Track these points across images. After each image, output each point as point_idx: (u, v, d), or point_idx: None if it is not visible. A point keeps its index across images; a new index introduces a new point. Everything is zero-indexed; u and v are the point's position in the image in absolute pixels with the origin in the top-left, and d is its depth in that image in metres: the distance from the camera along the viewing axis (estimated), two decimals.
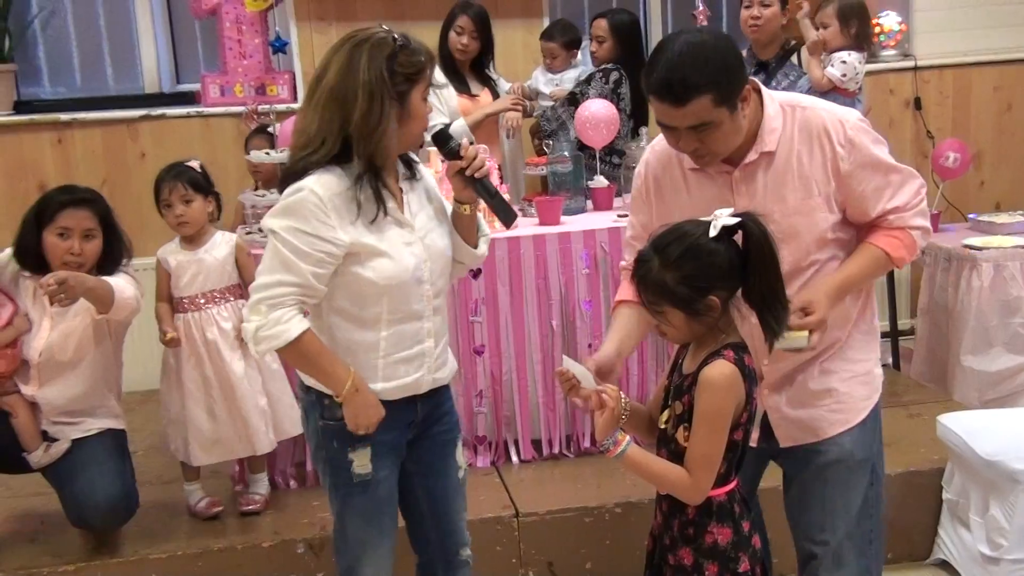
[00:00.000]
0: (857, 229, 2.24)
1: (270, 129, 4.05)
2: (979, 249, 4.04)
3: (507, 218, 2.40)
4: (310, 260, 2.12)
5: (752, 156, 2.13)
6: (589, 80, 4.41)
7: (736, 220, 1.92)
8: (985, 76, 5.22)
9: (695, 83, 1.97)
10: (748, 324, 2.03)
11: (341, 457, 2.27)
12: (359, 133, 2.11)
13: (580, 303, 3.70)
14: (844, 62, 3.74)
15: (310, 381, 2.26)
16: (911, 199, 2.20)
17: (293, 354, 2.18)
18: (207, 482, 3.41)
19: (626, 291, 2.28)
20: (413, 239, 2.23)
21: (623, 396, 2.01)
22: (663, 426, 2.05)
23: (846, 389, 2.26)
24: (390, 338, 2.23)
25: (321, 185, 2.12)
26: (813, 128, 2.14)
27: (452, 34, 4.34)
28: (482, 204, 2.37)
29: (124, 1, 4.91)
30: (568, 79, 4.61)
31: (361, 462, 2.27)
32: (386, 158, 2.17)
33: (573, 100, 4.34)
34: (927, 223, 2.25)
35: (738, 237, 1.94)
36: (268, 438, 3.24)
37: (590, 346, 3.70)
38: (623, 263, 2.39)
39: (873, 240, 2.20)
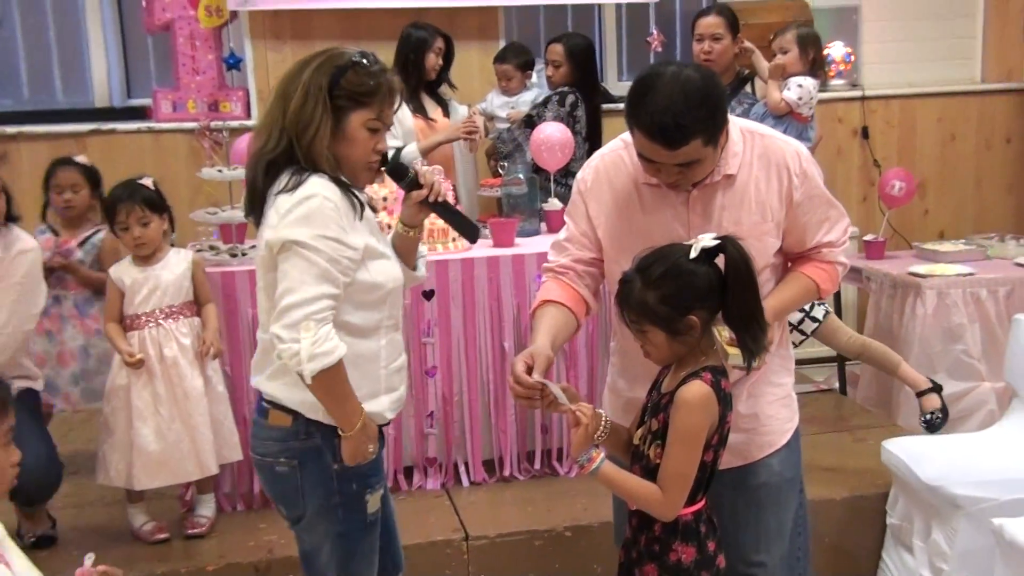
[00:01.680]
0: (785, 257, 2.32)
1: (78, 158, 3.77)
2: (923, 277, 4.12)
3: (472, 234, 2.44)
4: (340, 267, 2.06)
5: (714, 178, 2.17)
6: (546, 103, 4.45)
7: (716, 243, 1.97)
8: (929, 107, 5.36)
9: (690, 128, 1.99)
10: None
11: (358, 500, 2.19)
12: (292, 129, 2.08)
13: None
14: (800, 85, 3.83)
15: (319, 416, 2.13)
16: (841, 236, 2.31)
17: (331, 376, 2.04)
18: (152, 503, 3.35)
19: (551, 292, 2.28)
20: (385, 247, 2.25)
21: (603, 414, 2.04)
22: (637, 442, 2.09)
23: (771, 412, 2.32)
24: (387, 347, 2.21)
25: (327, 189, 2.06)
26: (773, 156, 2.20)
27: (431, 56, 4.36)
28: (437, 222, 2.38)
29: (74, 13, 4.84)
30: (524, 101, 4.65)
31: (374, 501, 2.22)
32: (327, 167, 2.10)
33: (529, 122, 4.37)
34: (847, 262, 2.38)
35: (720, 260, 1.99)
36: (214, 460, 3.20)
37: None
38: (548, 263, 2.36)
39: (804, 270, 2.30)
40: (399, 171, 2.29)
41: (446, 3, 4.65)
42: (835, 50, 5.22)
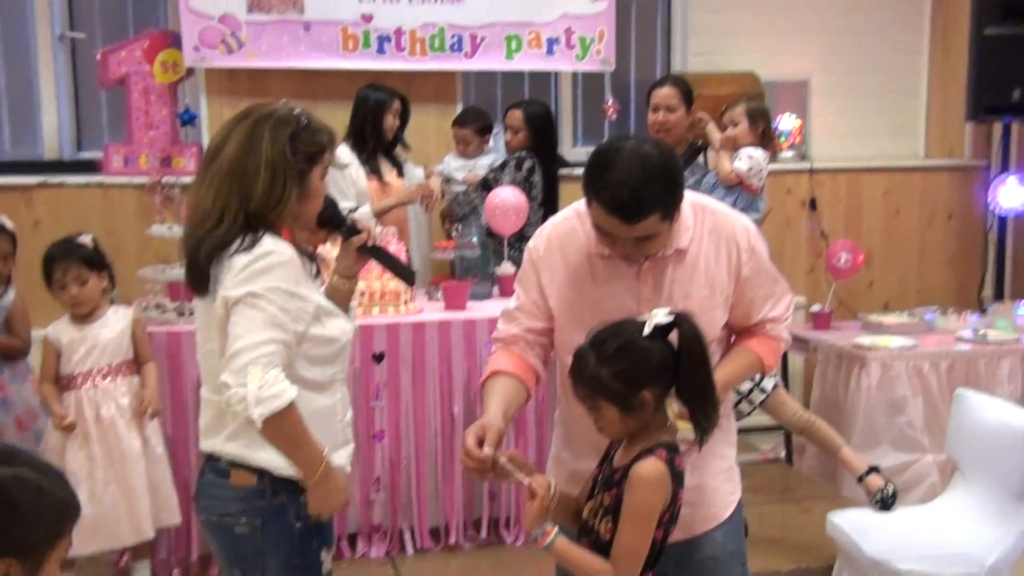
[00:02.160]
0: (729, 331, 2.34)
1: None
2: (868, 348, 4.18)
3: (409, 278, 2.49)
4: (290, 315, 2.05)
5: (665, 252, 2.18)
6: (503, 167, 4.48)
7: (670, 319, 1.98)
8: (875, 181, 5.48)
9: (649, 204, 2.01)
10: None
11: (316, 559, 2.16)
12: (260, 209, 2.07)
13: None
14: (751, 156, 3.90)
15: (286, 472, 2.09)
16: (785, 312, 2.34)
17: (284, 421, 1.99)
18: (84, 570, 3.25)
19: (501, 362, 2.26)
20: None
21: (552, 483, 2.01)
22: (586, 516, 2.07)
23: (715, 485, 2.32)
24: (341, 400, 2.22)
25: (282, 247, 2.08)
26: (723, 231, 2.23)
27: (389, 117, 4.37)
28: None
29: (27, 67, 4.79)
30: (481, 165, 4.68)
31: (328, 560, 2.19)
32: (288, 227, 2.14)
33: (486, 185, 4.40)
34: (789, 338, 2.40)
35: (673, 336, 1.99)
36: (151, 524, 3.12)
37: None
38: (497, 333, 2.34)
39: (749, 344, 2.32)
40: (336, 219, 2.29)
41: (404, 66, 4.69)
42: (786, 122, 5.33)
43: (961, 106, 5.07)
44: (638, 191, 2.00)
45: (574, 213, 2.27)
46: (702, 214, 2.24)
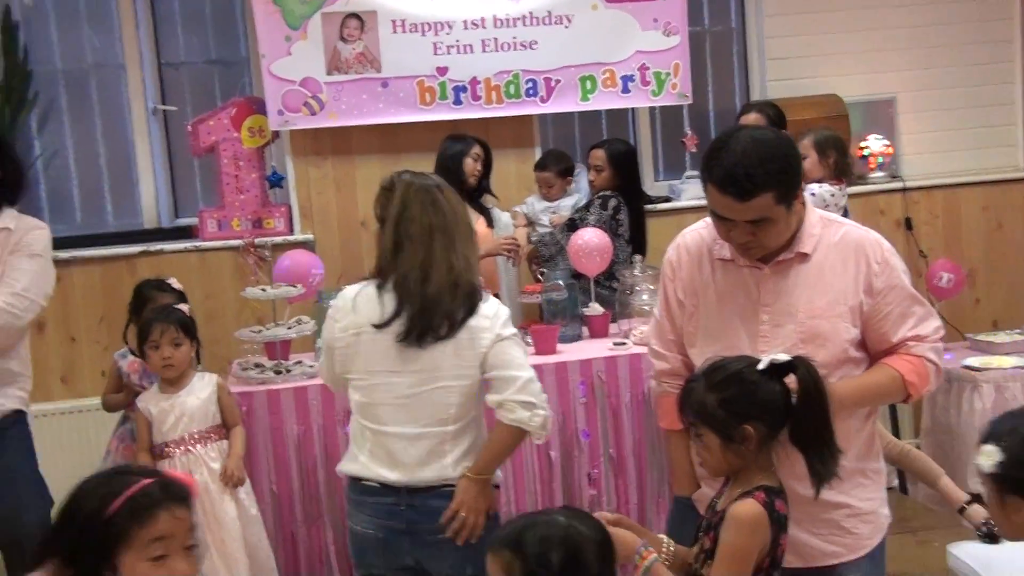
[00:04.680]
0: (871, 357, 2.25)
1: (171, 281, 3.71)
2: (979, 370, 4.02)
3: None
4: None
5: (787, 255, 2.17)
6: (588, 206, 4.48)
7: (787, 359, 1.95)
8: (973, 196, 5.29)
9: (761, 180, 2.02)
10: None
11: None
12: (474, 257, 2.58)
13: (578, 433, 3.66)
14: (813, 193, 3.77)
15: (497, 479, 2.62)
16: (932, 333, 2.24)
17: None
18: None
19: (673, 412, 2.22)
20: None
21: (664, 539, 2.04)
22: (691, 561, 2.05)
23: (851, 525, 2.24)
24: None
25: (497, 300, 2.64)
26: (851, 242, 2.20)
27: (469, 161, 4.40)
28: None
29: (125, 140, 5.01)
30: (565, 206, 4.68)
31: None
32: None
33: (572, 226, 4.39)
34: (941, 363, 2.26)
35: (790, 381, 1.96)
36: None
37: (589, 476, 3.64)
38: (655, 361, 2.41)
39: (888, 361, 2.22)
40: None
41: (480, 114, 4.73)
42: (873, 143, 5.20)
43: None
44: (751, 168, 2.01)
45: (703, 223, 2.29)
46: (831, 227, 2.22)
